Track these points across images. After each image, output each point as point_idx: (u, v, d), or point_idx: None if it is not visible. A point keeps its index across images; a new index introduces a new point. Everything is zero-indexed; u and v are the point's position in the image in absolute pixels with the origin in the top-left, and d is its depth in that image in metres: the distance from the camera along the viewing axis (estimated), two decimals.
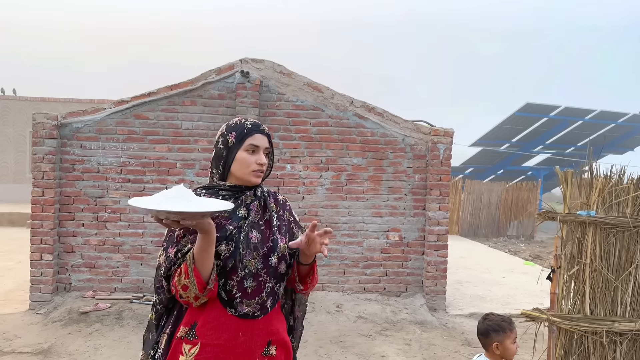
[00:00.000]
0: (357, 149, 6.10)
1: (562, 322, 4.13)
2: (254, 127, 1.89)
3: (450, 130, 6.02)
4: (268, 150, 1.91)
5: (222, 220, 1.80)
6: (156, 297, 1.85)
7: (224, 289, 1.78)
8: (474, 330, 5.62)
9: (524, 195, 14.84)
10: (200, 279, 1.68)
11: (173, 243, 1.78)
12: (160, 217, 1.53)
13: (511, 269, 9.37)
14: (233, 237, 1.79)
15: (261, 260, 1.82)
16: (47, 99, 18.17)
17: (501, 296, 7.04)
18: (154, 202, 1.52)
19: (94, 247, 5.83)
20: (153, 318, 1.89)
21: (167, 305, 1.85)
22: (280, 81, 6.03)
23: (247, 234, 1.82)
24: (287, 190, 6.02)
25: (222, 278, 1.78)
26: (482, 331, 2.61)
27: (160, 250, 1.83)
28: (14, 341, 4.74)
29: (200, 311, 1.78)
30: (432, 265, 5.97)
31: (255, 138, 1.88)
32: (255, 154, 1.87)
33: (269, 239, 1.86)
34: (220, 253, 1.75)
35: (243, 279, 1.78)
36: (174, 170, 5.91)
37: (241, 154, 1.87)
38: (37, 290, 5.61)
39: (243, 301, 1.78)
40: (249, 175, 1.86)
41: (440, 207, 5.98)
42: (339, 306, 5.76)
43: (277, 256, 1.86)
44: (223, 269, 1.77)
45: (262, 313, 1.82)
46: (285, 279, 1.94)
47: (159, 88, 5.92)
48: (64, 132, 5.77)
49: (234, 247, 1.78)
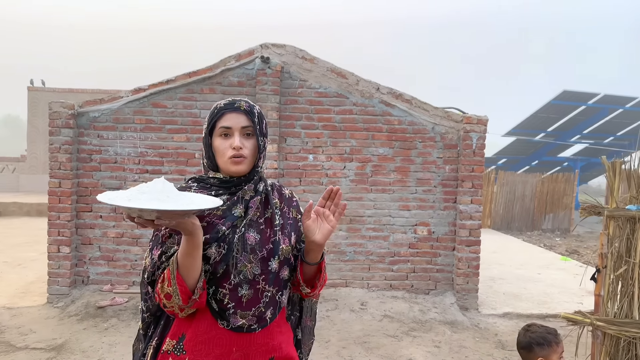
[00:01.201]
0: (383, 138, 5.77)
1: (607, 327, 3.76)
2: (226, 105, 1.60)
3: (484, 118, 5.62)
4: (249, 129, 1.59)
5: (213, 219, 1.53)
6: (142, 305, 1.61)
7: (214, 298, 1.51)
8: (508, 331, 5.27)
9: (559, 187, 14.21)
10: (185, 288, 1.41)
11: (158, 244, 1.52)
12: (132, 215, 1.26)
13: (547, 265, 8.91)
14: (226, 239, 1.51)
15: (259, 265, 1.54)
16: (75, 90, 18.37)
17: (537, 294, 6.63)
18: (123, 197, 1.25)
19: (112, 239, 5.68)
20: (141, 327, 1.65)
21: (154, 314, 1.60)
22: (302, 67, 5.74)
23: (243, 234, 1.54)
24: (309, 181, 5.74)
25: (212, 285, 1.51)
26: (524, 345, 2.28)
27: (146, 251, 1.58)
28: (28, 336, 4.62)
29: (188, 322, 1.53)
30: (464, 261, 5.62)
31: (226, 118, 1.58)
32: (230, 137, 1.58)
33: (269, 240, 1.58)
34: (210, 257, 1.49)
35: (237, 287, 1.51)
36: (193, 161, 5.71)
37: (215, 141, 1.60)
38: (55, 283, 5.51)
39: (237, 312, 1.52)
40: (226, 164, 1.58)
41: (473, 200, 5.61)
42: (364, 304, 5.47)
43: (279, 260, 1.58)
44: (213, 275, 1.50)
45: (260, 326, 1.55)
46: (288, 286, 1.66)
47: (177, 75, 5.70)
48: (80, 122, 5.62)
49: (226, 249, 1.50)
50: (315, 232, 1.54)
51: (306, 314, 1.81)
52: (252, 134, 1.60)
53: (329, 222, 1.54)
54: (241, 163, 1.57)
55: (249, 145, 1.59)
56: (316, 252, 1.58)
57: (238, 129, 1.57)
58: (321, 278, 1.66)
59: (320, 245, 1.57)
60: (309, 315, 1.83)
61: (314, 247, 1.57)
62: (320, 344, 4.57)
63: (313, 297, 1.73)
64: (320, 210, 1.54)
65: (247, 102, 1.62)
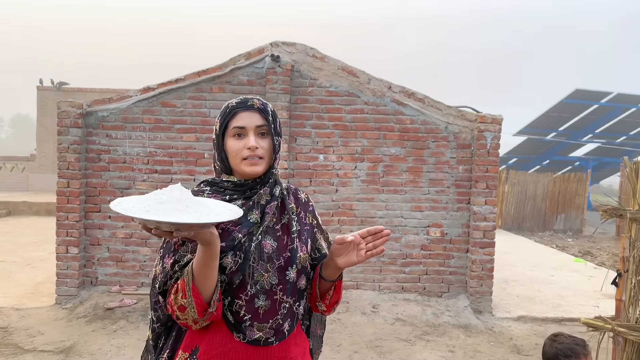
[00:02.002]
0: (395, 137, 5.67)
1: (629, 333, 3.65)
2: (239, 104, 1.51)
3: (499, 117, 5.50)
4: (264, 128, 1.50)
5: (229, 225, 1.44)
6: (152, 314, 1.52)
7: (230, 310, 1.43)
8: (523, 335, 5.16)
9: (572, 187, 14.02)
10: (201, 300, 1.33)
11: (170, 252, 1.44)
12: (148, 227, 1.18)
13: (560, 267, 8.76)
14: (242, 247, 1.42)
15: (276, 274, 1.45)
16: (84, 89, 18.40)
17: (551, 297, 6.50)
18: (141, 207, 1.16)
19: (121, 240, 5.62)
20: (150, 338, 1.56)
21: (165, 324, 1.52)
22: (312, 65, 5.65)
23: (259, 242, 1.45)
24: (319, 182, 5.66)
25: (227, 296, 1.43)
26: (550, 355, 2.18)
27: (157, 258, 1.49)
28: (36, 338, 4.57)
29: (202, 334, 1.44)
30: (478, 264, 5.50)
31: (239, 118, 1.49)
32: (244, 137, 1.49)
33: (287, 247, 1.49)
34: (226, 267, 1.40)
35: (253, 298, 1.43)
36: (202, 161, 5.63)
37: (228, 143, 1.50)
38: (63, 284, 5.46)
39: (254, 325, 1.43)
40: (240, 166, 1.49)
41: (487, 201, 5.49)
42: (375, 306, 5.37)
43: (296, 269, 1.49)
44: (229, 285, 1.42)
45: (277, 339, 1.46)
46: (305, 295, 1.57)
47: (186, 74, 5.63)
48: (89, 121, 5.57)
49: (242, 258, 1.42)
50: (339, 256, 1.45)
51: (316, 322, 1.73)
52: (267, 133, 1.52)
53: (358, 256, 1.43)
54: (257, 164, 1.49)
55: (264, 145, 1.50)
56: (335, 271, 1.50)
57: (252, 128, 1.49)
58: (335, 295, 1.57)
59: (340, 269, 1.48)
60: (319, 324, 1.75)
61: (333, 266, 1.49)
62: (332, 347, 4.48)
63: (325, 314, 1.64)
64: (357, 240, 1.42)
65: (260, 100, 1.54)
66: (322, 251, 1.62)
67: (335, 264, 1.46)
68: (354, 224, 5.65)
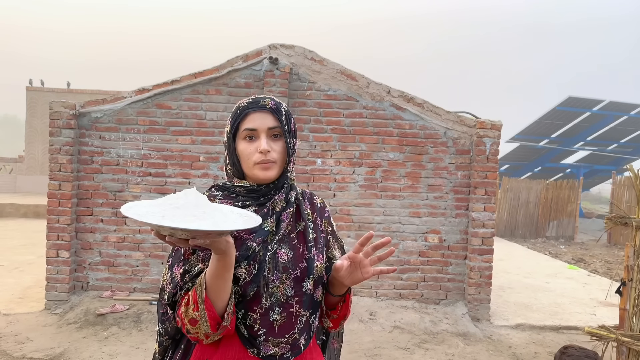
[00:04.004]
0: (393, 142, 5.61)
1: (633, 343, 3.60)
2: (250, 104, 1.42)
3: (498, 123, 5.46)
4: (277, 130, 1.41)
5: (243, 234, 1.35)
6: (160, 327, 1.42)
7: (243, 323, 1.33)
8: (521, 344, 5.09)
9: (564, 193, 14.05)
10: (214, 313, 1.24)
11: (180, 261, 1.34)
12: (162, 233, 1.09)
13: (554, 274, 8.74)
14: (256, 257, 1.34)
15: (292, 286, 1.37)
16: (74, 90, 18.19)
17: (548, 304, 6.47)
18: (155, 212, 1.07)
19: (113, 244, 5.49)
20: (157, 351, 1.46)
21: (173, 337, 1.42)
22: (311, 68, 5.57)
23: (275, 251, 1.36)
24: (317, 186, 5.57)
25: (241, 309, 1.33)
26: None
27: (164, 267, 1.40)
28: (25, 344, 4.43)
29: (214, 348, 1.34)
30: (476, 271, 5.44)
31: (250, 119, 1.40)
32: (255, 140, 1.40)
33: (303, 257, 1.41)
34: (240, 277, 1.31)
35: (268, 311, 1.34)
36: (197, 164, 5.53)
37: (240, 145, 1.42)
38: (53, 289, 5.31)
39: (268, 339, 1.34)
40: (252, 170, 1.40)
41: (486, 208, 5.44)
42: (373, 314, 5.29)
43: (313, 280, 1.40)
44: (242, 297, 1.33)
45: (293, 354, 1.37)
46: (319, 307, 1.48)
47: (183, 76, 5.53)
48: (82, 122, 5.44)
49: (257, 269, 1.33)
50: (344, 277, 1.36)
51: (333, 336, 1.65)
52: (280, 135, 1.43)
53: (364, 272, 1.34)
54: (270, 168, 1.40)
55: (277, 147, 1.42)
56: (342, 287, 1.42)
57: (264, 130, 1.40)
58: (344, 309, 1.48)
59: (347, 286, 1.41)
60: (336, 336, 1.67)
61: (338, 283, 1.41)
62: None
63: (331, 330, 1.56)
64: (357, 258, 1.33)
65: (272, 99, 1.44)
66: (333, 261, 1.53)
67: (341, 283, 1.39)
68: (351, 229, 5.57)
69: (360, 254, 1.34)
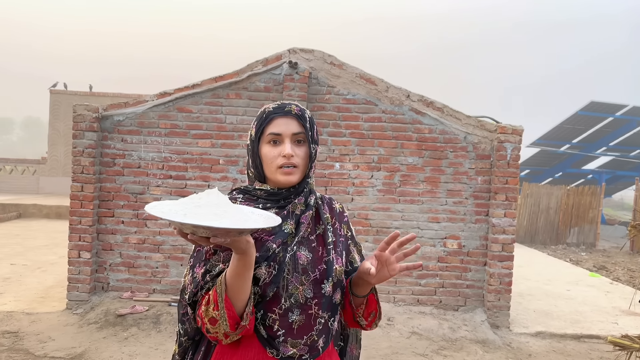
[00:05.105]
0: (412, 147, 5.58)
1: None
2: (276, 109, 1.44)
3: (520, 128, 5.40)
4: (301, 135, 1.43)
5: (262, 235, 1.38)
6: (180, 327, 1.44)
7: (262, 324, 1.35)
8: (542, 352, 5.02)
9: (585, 200, 13.82)
10: (233, 313, 1.26)
11: (201, 261, 1.37)
12: (184, 232, 1.12)
13: (576, 281, 8.60)
14: (276, 258, 1.36)
15: (311, 288, 1.38)
16: (96, 94, 18.48)
17: (569, 312, 6.36)
18: (178, 210, 1.10)
19: (134, 245, 5.56)
20: (177, 352, 1.48)
21: (193, 337, 1.44)
22: (330, 72, 5.59)
23: (294, 253, 1.38)
24: (335, 190, 5.57)
25: (260, 310, 1.35)
26: None
27: (186, 268, 1.42)
28: (47, 344, 4.51)
29: (233, 349, 1.36)
30: (495, 277, 5.38)
31: (275, 124, 1.43)
32: (279, 144, 1.42)
33: (322, 259, 1.42)
34: (259, 278, 1.33)
35: (287, 312, 1.36)
36: (217, 167, 5.57)
37: (263, 149, 1.44)
38: (75, 289, 5.40)
39: (287, 340, 1.35)
40: (275, 174, 1.42)
41: (506, 214, 5.38)
42: (390, 319, 5.26)
43: (332, 282, 1.41)
44: (262, 298, 1.34)
45: (311, 356, 1.38)
46: (338, 311, 1.49)
47: (203, 80, 5.59)
48: (104, 125, 5.53)
49: (276, 270, 1.35)
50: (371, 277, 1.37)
51: (351, 342, 1.65)
52: (304, 140, 1.45)
53: (391, 270, 1.36)
54: (292, 173, 1.42)
55: (301, 153, 1.44)
56: (366, 286, 1.44)
57: (289, 135, 1.42)
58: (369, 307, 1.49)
59: (372, 285, 1.42)
60: (355, 342, 1.67)
61: (363, 283, 1.42)
62: None
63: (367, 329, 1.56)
64: (384, 257, 1.35)
65: (297, 105, 1.47)
66: (354, 264, 1.55)
67: (367, 282, 1.40)
68: (369, 234, 5.56)
69: (386, 252, 1.36)
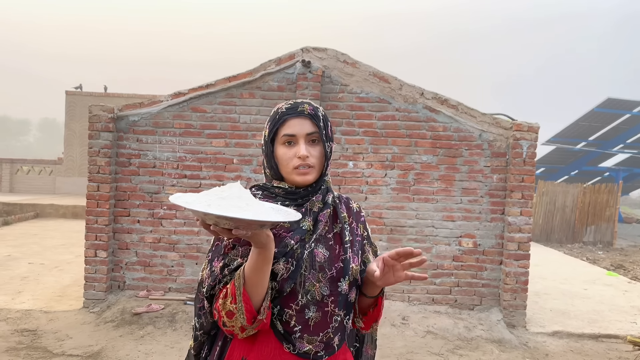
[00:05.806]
0: (427, 145, 5.55)
1: None
2: (289, 110, 1.43)
3: (536, 125, 5.35)
4: (315, 135, 1.43)
5: (281, 231, 1.38)
6: (196, 321, 1.45)
7: (279, 319, 1.36)
8: (559, 352, 4.96)
9: (602, 198, 13.64)
10: (250, 306, 1.26)
11: (220, 255, 1.37)
12: (207, 222, 1.13)
13: (592, 280, 8.49)
14: (294, 254, 1.36)
15: (328, 285, 1.39)
16: (111, 94, 18.67)
17: (586, 312, 6.28)
18: (202, 201, 1.12)
19: (149, 244, 5.61)
20: (192, 347, 1.49)
21: (209, 332, 1.45)
22: (343, 71, 5.57)
23: (312, 250, 1.39)
24: (348, 189, 5.56)
25: (277, 305, 1.36)
26: None
27: (204, 262, 1.43)
28: (65, 342, 4.56)
29: (250, 344, 1.36)
30: (512, 276, 5.33)
31: (289, 125, 1.42)
32: (294, 145, 1.42)
33: (339, 257, 1.43)
34: (277, 273, 1.33)
35: (304, 308, 1.36)
36: (231, 167, 5.60)
37: (279, 150, 1.44)
38: (91, 288, 5.45)
39: (303, 336, 1.36)
40: (291, 175, 1.42)
41: (522, 212, 5.33)
42: (405, 318, 5.24)
43: (348, 281, 1.42)
44: (279, 294, 1.35)
45: (327, 353, 1.39)
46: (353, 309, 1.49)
47: (217, 80, 5.61)
48: (120, 125, 5.58)
49: (294, 266, 1.35)
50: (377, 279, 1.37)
51: (367, 342, 1.65)
52: (318, 140, 1.45)
53: (396, 277, 1.35)
54: (308, 173, 1.42)
55: (315, 153, 1.43)
56: (375, 287, 1.44)
57: (303, 135, 1.42)
58: (376, 312, 1.50)
59: (378, 286, 1.42)
60: (370, 343, 1.67)
61: (370, 283, 1.43)
62: None
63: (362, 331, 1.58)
64: (390, 262, 1.34)
65: (310, 104, 1.46)
66: (367, 265, 1.55)
67: (374, 283, 1.40)
68: (383, 233, 5.54)
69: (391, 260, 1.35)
